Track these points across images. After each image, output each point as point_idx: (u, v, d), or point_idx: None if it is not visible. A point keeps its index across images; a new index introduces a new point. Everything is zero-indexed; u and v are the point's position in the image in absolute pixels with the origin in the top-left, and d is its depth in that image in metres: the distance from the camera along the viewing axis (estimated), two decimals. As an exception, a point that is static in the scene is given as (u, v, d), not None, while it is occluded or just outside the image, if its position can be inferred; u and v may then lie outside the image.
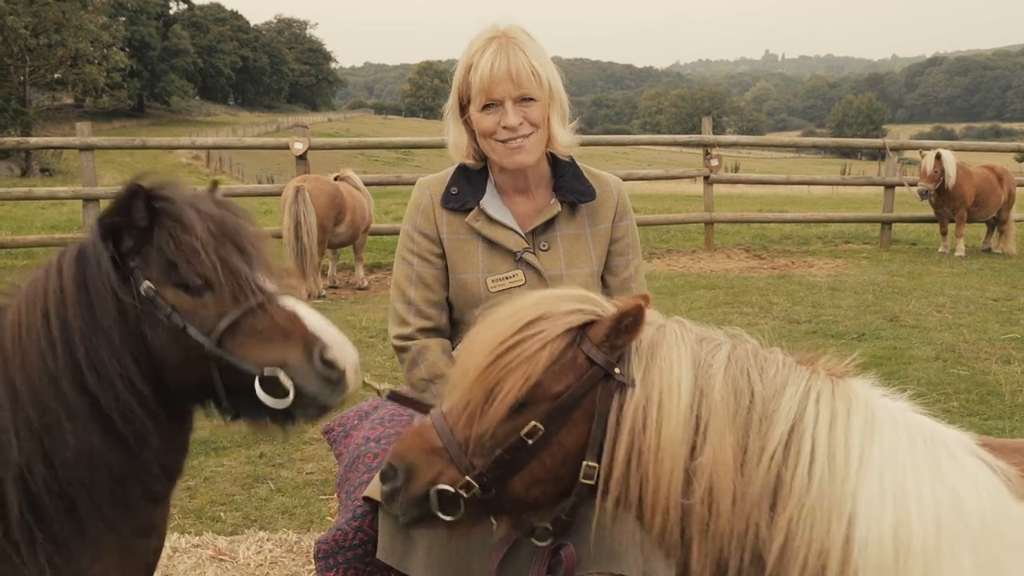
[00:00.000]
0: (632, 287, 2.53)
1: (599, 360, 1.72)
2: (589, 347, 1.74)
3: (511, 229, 2.41)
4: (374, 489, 2.35)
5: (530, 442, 1.71)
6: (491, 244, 2.40)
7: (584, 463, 1.73)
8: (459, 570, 2.22)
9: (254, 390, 1.87)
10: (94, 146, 11.45)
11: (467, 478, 1.73)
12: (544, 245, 2.42)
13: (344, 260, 11.29)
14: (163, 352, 1.92)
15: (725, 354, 1.75)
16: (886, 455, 1.67)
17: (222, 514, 4.37)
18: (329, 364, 1.91)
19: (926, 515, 1.62)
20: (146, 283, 1.88)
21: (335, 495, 3.47)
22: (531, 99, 2.29)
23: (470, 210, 2.42)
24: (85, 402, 1.86)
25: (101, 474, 1.89)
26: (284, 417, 1.96)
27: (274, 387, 1.88)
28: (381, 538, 2.32)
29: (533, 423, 1.71)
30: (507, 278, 2.38)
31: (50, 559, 1.87)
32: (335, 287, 10.41)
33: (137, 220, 1.88)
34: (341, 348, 1.93)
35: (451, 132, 2.44)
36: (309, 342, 1.92)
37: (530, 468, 1.74)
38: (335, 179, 10.21)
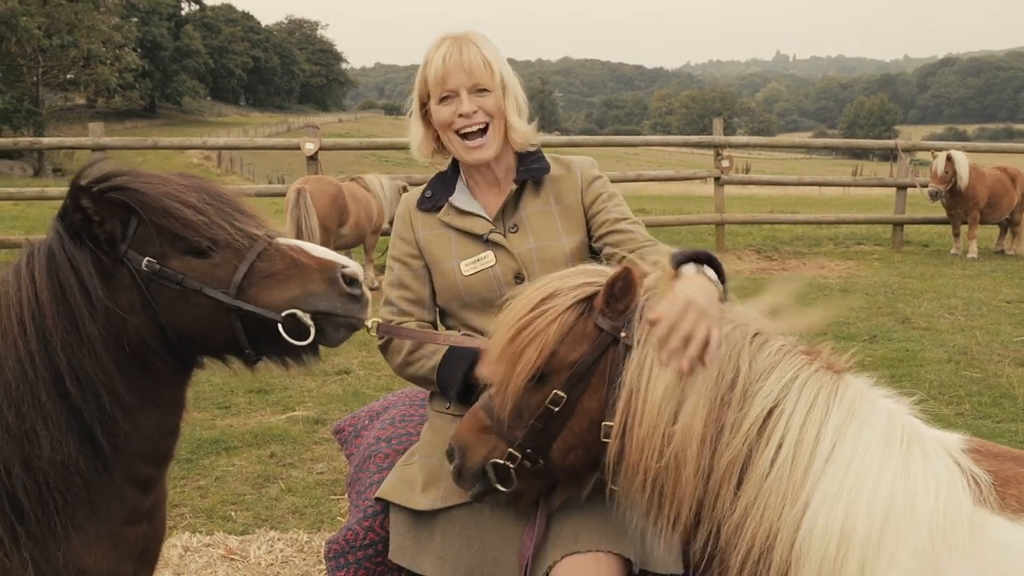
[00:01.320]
0: (633, 230, 2.44)
1: (605, 326, 1.85)
2: (596, 316, 1.87)
3: (477, 215, 2.47)
4: (386, 489, 2.37)
5: (556, 409, 1.86)
6: (462, 233, 2.47)
7: (603, 423, 1.84)
8: (472, 569, 2.23)
9: (276, 332, 1.93)
10: (106, 146, 11.48)
11: (510, 450, 1.91)
12: (513, 228, 2.47)
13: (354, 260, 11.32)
14: (184, 321, 1.93)
15: (723, 332, 1.82)
16: (857, 450, 1.71)
17: (233, 514, 4.39)
18: (352, 281, 2.00)
19: (875, 511, 1.66)
20: (146, 259, 1.90)
21: (345, 495, 3.48)
22: (485, 89, 2.36)
23: (442, 207, 2.50)
24: (62, 410, 1.86)
25: (75, 480, 1.89)
26: (310, 349, 2.02)
27: (295, 325, 1.94)
28: (393, 538, 2.32)
29: (555, 392, 1.86)
30: (478, 260, 2.43)
31: (32, 554, 1.89)
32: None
33: (92, 214, 1.89)
34: (352, 264, 2.03)
35: (412, 131, 2.51)
36: (326, 268, 1.99)
37: (563, 435, 1.89)
38: (351, 180, 10.21)
